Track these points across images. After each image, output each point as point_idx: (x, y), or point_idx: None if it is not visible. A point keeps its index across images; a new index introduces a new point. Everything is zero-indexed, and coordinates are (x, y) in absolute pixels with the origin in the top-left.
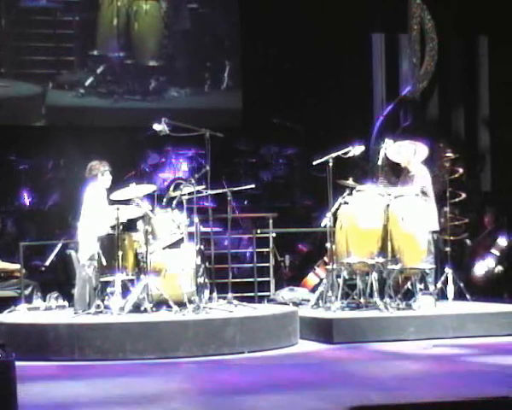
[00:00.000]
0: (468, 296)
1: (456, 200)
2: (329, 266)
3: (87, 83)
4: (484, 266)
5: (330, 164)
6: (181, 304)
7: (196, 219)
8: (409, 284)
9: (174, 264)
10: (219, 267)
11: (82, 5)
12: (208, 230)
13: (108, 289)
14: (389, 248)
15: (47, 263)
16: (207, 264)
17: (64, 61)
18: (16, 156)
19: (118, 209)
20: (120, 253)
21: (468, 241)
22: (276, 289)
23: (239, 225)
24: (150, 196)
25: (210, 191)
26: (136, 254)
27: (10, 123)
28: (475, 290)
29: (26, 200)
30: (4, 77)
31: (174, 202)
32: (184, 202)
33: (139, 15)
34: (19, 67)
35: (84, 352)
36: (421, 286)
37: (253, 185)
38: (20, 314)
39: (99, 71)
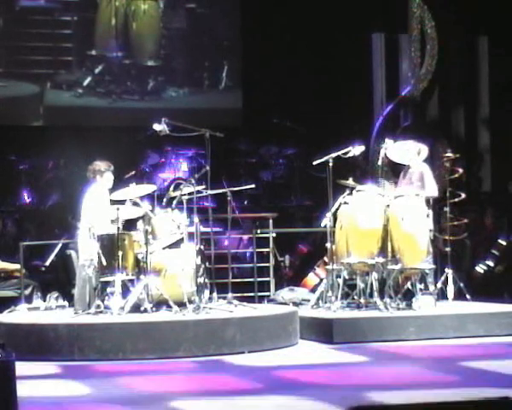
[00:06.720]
0: (468, 296)
1: (456, 200)
2: (329, 266)
3: (85, 83)
4: (484, 266)
5: (330, 164)
6: (181, 304)
7: (196, 219)
8: (409, 284)
9: (174, 264)
10: (219, 267)
11: (80, 5)
12: (208, 230)
13: (108, 289)
14: (389, 248)
15: (47, 263)
16: (207, 264)
17: (62, 61)
18: (16, 156)
19: (118, 209)
20: (120, 253)
21: (468, 241)
22: (276, 289)
23: (239, 225)
24: (150, 196)
25: (210, 191)
26: (136, 254)
27: (8, 123)
28: (475, 290)
29: (26, 200)
30: (2, 76)
31: (174, 202)
32: (184, 202)
33: (137, 15)
34: (17, 67)
35: (84, 352)
36: (421, 286)
37: (253, 185)
38: (20, 314)
39: (97, 71)
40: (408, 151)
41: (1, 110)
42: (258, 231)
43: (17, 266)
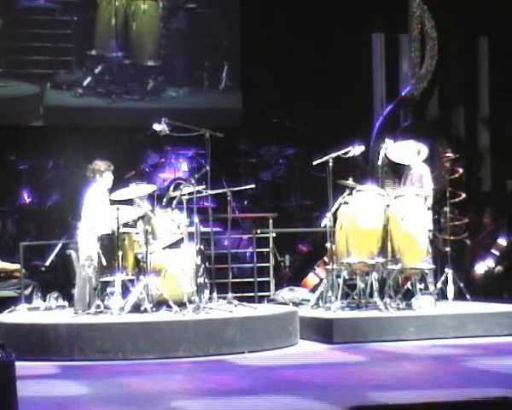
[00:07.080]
0: (468, 296)
1: (456, 200)
2: (329, 266)
3: (85, 83)
4: (484, 266)
5: (330, 164)
6: (181, 304)
7: (196, 219)
8: (409, 284)
9: (174, 264)
10: (219, 267)
11: (80, 5)
12: (208, 230)
13: (108, 289)
14: (389, 248)
15: (47, 263)
16: (207, 264)
17: (62, 61)
18: (16, 156)
19: (118, 209)
20: (120, 253)
21: (468, 241)
22: (276, 289)
23: (239, 225)
24: (150, 196)
25: (210, 191)
26: (136, 254)
27: (8, 123)
28: (475, 290)
29: (26, 200)
30: (2, 76)
31: (174, 202)
32: (184, 202)
33: (137, 15)
34: (17, 67)
35: (84, 352)
36: (421, 286)
37: (253, 185)
38: (20, 314)
39: (97, 71)
40: (408, 151)
41: (1, 110)
42: (258, 231)
43: (17, 266)
